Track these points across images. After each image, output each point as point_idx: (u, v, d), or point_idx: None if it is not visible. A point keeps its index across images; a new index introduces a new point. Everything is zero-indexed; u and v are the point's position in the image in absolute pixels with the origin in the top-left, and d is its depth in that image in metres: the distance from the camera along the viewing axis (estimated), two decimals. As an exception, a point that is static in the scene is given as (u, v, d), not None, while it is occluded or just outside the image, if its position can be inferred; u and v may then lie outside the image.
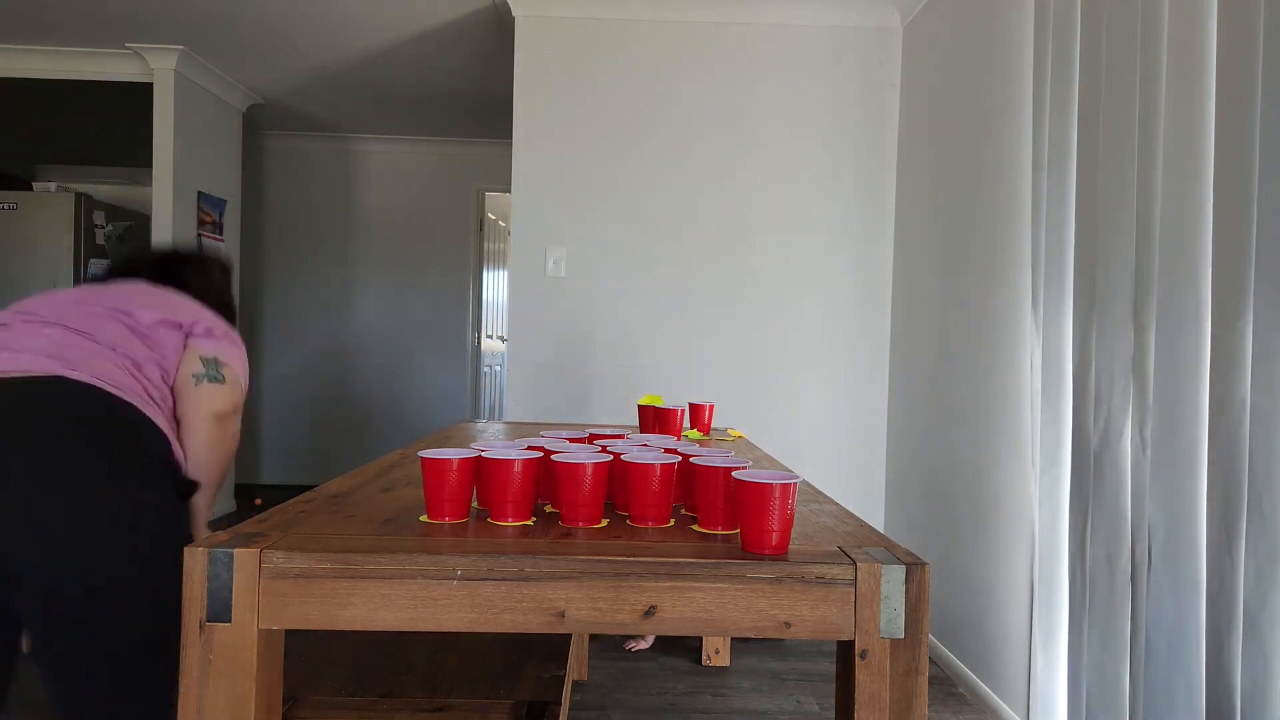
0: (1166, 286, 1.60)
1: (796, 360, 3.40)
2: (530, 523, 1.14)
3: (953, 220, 2.85)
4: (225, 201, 4.70)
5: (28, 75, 4.18)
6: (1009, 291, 2.42)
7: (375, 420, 5.73)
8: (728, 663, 2.84)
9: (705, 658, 2.84)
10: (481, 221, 5.84)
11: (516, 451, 1.16)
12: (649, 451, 1.24)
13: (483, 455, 1.14)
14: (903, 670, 0.96)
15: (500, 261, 6.15)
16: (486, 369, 6.07)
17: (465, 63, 4.17)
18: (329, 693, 1.51)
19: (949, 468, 2.81)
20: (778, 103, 3.38)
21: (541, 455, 1.18)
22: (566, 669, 1.68)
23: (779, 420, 3.37)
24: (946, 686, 2.72)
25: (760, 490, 0.99)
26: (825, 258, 3.40)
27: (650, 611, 0.96)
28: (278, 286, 5.75)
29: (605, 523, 1.15)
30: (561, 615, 0.96)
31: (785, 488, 0.99)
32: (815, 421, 3.41)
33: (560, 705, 1.50)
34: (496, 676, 1.61)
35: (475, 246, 5.79)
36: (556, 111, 3.36)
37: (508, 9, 3.37)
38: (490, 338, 6.11)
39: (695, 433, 2.20)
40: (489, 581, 0.96)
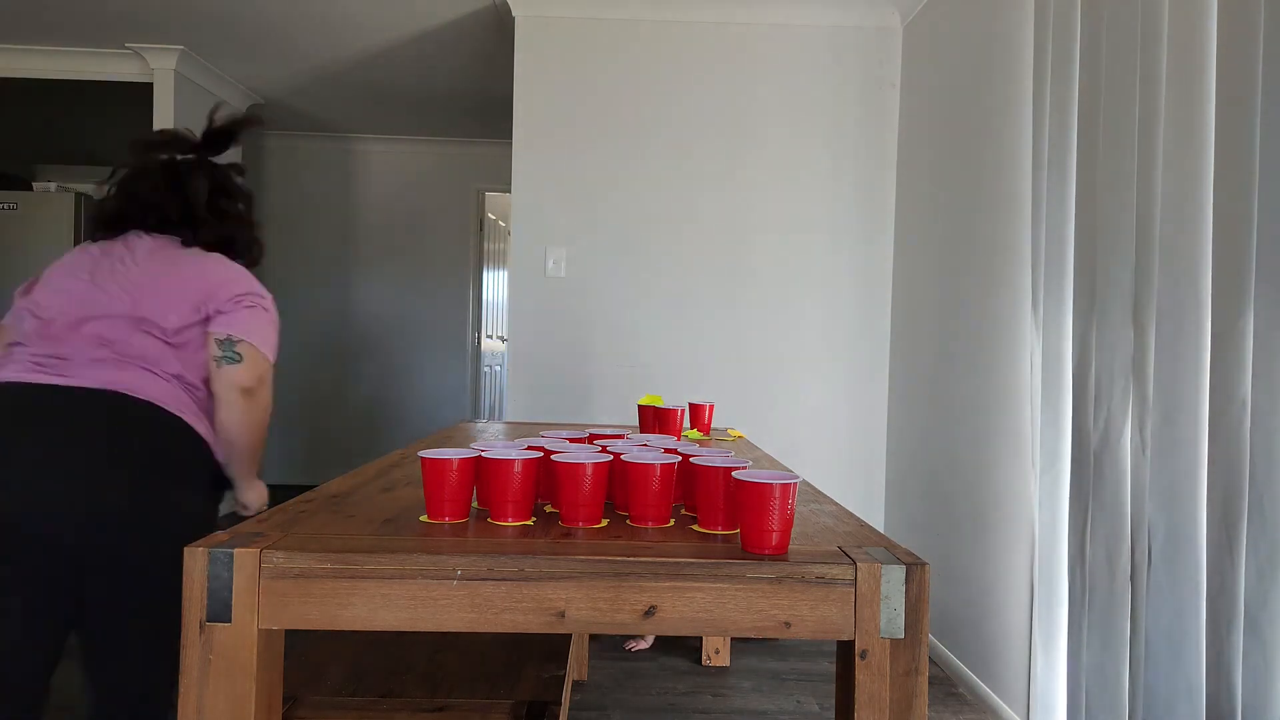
0: (1166, 286, 1.60)
1: (796, 360, 3.40)
2: (530, 523, 1.14)
3: (953, 220, 2.85)
4: (225, 201, 4.68)
5: (28, 75, 4.17)
6: (1009, 291, 2.42)
7: (375, 420, 5.73)
8: (728, 663, 2.84)
9: (705, 658, 2.84)
10: (481, 221, 5.84)
11: (516, 451, 1.16)
12: (649, 451, 1.24)
13: (483, 455, 1.14)
14: (903, 670, 0.96)
15: (500, 261, 6.15)
16: (486, 369, 6.07)
17: (465, 63, 4.16)
18: (329, 693, 1.51)
19: (949, 468, 2.81)
20: (778, 103, 3.38)
21: (541, 455, 1.18)
22: (566, 669, 1.68)
23: (779, 420, 3.37)
24: (946, 686, 2.72)
25: (760, 490, 0.99)
26: (825, 258, 3.40)
27: (650, 611, 0.96)
28: (277, 286, 5.68)
29: (605, 523, 1.15)
30: (561, 615, 0.96)
31: (785, 488, 0.99)
32: (815, 421, 3.41)
33: (560, 705, 1.50)
34: (496, 676, 1.61)
35: (475, 246, 5.79)
36: (556, 111, 3.36)
37: (508, 9, 3.37)
38: (490, 338, 6.11)
39: (695, 433, 2.20)
40: (489, 581, 0.96)
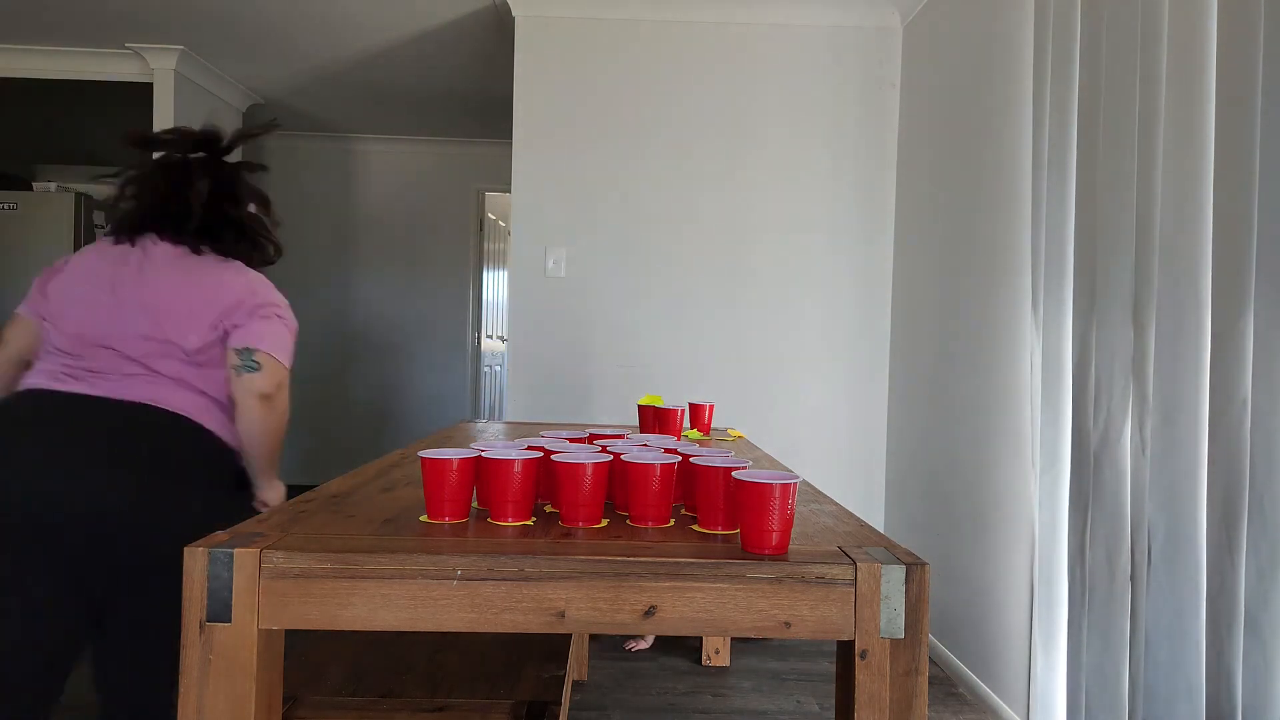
0: (1166, 286, 1.60)
1: (796, 360, 3.40)
2: (530, 523, 1.14)
3: (953, 220, 2.85)
4: (225, 201, 4.68)
5: (28, 75, 4.17)
6: (1009, 291, 2.42)
7: (375, 420, 5.73)
8: (728, 663, 2.84)
9: (705, 658, 2.84)
10: (481, 221, 5.84)
11: (516, 451, 1.16)
12: (649, 451, 1.24)
13: (483, 455, 1.14)
14: (903, 670, 0.96)
15: (500, 261, 6.15)
16: (486, 369, 6.07)
17: (465, 63, 4.16)
18: (329, 693, 1.51)
19: (949, 468, 2.81)
20: (778, 103, 3.38)
21: (541, 455, 1.18)
22: (566, 669, 1.68)
23: (779, 420, 3.37)
24: (946, 686, 2.72)
25: (760, 490, 0.99)
26: (825, 258, 3.40)
27: (650, 611, 0.96)
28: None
29: (605, 523, 1.15)
30: (561, 615, 0.96)
31: (785, 488, 0.99)
32: (815, 421, 3.41)
33: (560, 705, 1.50)
34: (496, 676, 1.61)
35: (475, 246, 5.79)
36: (556, 111, 3.36)
37: (508, 9, 3.37)
38: (490, 338, 6.10)
39: (695, 433, 2.20)
40: (489, 581, 0.96)
